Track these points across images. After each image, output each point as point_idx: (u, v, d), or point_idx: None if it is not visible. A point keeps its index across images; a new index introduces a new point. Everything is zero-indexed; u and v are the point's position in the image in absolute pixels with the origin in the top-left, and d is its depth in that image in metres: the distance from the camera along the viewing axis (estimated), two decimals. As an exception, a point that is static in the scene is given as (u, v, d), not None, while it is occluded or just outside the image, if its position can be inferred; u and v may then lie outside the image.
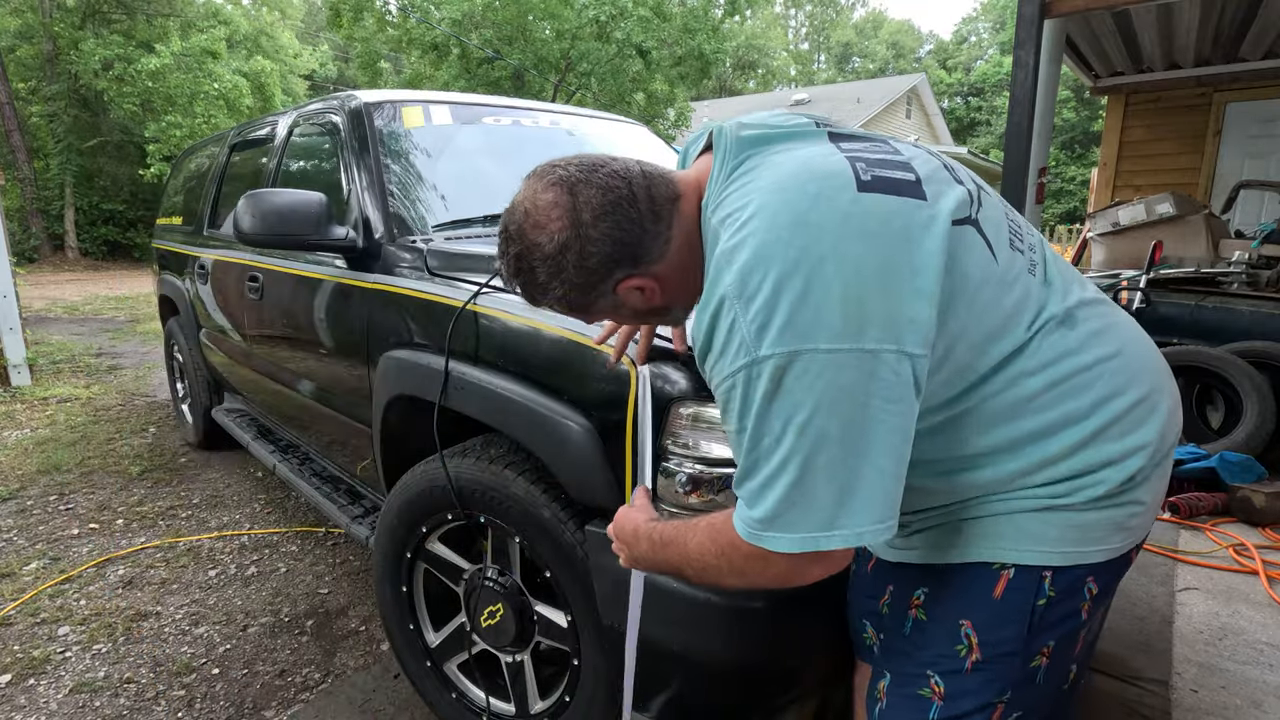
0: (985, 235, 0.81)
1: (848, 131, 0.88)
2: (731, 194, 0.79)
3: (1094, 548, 0.85)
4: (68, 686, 1.95)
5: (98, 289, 11.84)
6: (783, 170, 0.78)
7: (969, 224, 0.80)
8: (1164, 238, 4.36)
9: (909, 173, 0.80)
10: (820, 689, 1.28)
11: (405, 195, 2.02)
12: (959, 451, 0.84)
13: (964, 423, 0.82)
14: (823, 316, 0.70)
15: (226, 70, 14.83)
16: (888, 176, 0.78)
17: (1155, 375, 0.90)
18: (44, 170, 15.71)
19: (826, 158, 0.79)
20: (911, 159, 0.83)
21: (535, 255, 0.84)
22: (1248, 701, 1.85)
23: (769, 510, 0.74)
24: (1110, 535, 0.85)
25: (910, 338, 0.72)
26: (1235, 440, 3.33)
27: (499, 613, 1.50)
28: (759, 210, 0.74)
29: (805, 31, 49.13)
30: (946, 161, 0.88)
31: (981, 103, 34.16)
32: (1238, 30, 5.20)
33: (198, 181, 3.64)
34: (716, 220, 0.79)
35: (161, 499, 3.19)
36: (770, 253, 0.71)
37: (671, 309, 0.94)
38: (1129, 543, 0.88)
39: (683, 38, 16.08)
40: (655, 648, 1.20)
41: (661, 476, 1.17)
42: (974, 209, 0.82)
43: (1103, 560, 0.86)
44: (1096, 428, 0.82)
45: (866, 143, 0.86)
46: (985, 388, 0.81)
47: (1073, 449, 0.82)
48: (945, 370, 0.78)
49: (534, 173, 0.87)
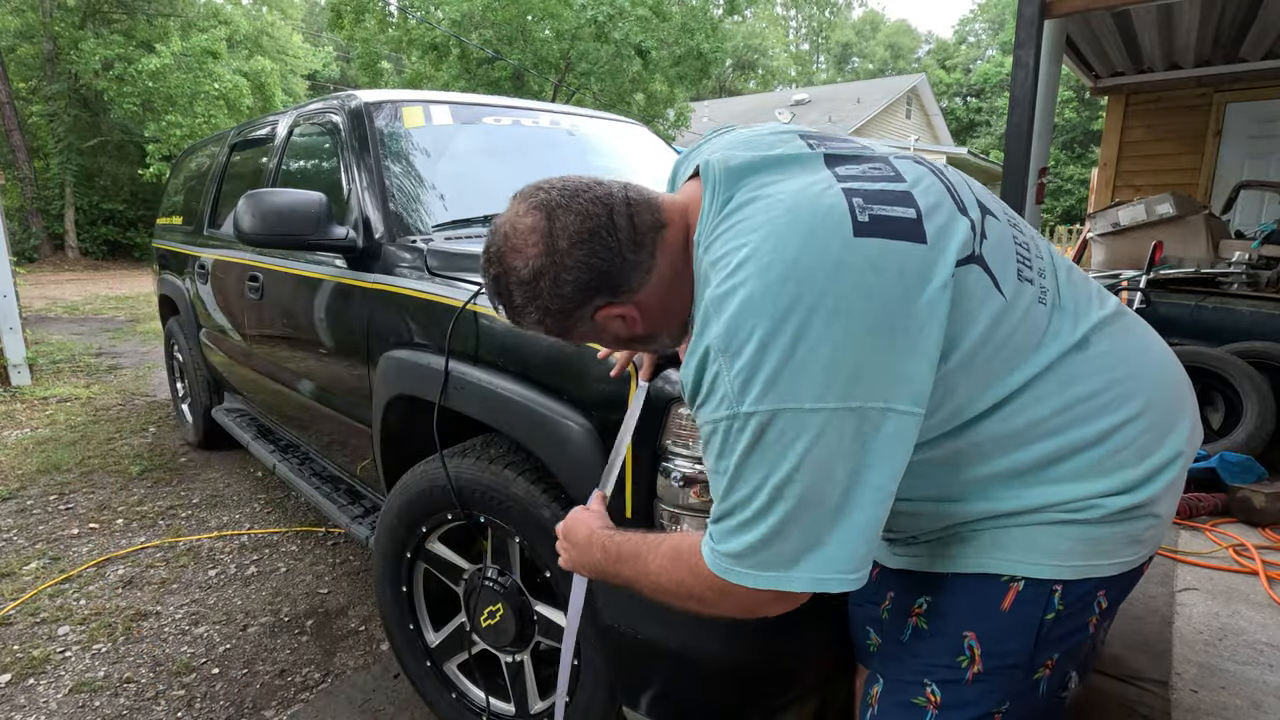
0: (991, 271, 0.78)
1: (844, 151, 0.84)
2: (723, 234, 0.76)
3: (1107, 561, 0.83)
4: (68, 686, 1.95)
5: (98, 289, 11.83)
6: (775, 210, 0.74)
7: (973, 262, 0.76)
8: (1164, 238, 4.36)
9: (909, 208, 0.75)
10: (820, 689, 1.28)
11: (405, 195, 2.02)
12: (959, 480, 0.82)
13: (963, 455, 0.81)
14: (808, 375, 0.68)
15: (227, 70, 14.81)
16: (886, 216, 0.74)
17: (1172, 389, 0.87)
18: (44, 170, 15.70)
19: (822, 193, 0.75)
20: (913, 186, 0.79)
21: (511, 279, 0.84)
22: (1248, 702, 1.85)
23: (738, 549, 0.74)
24: (1124, 548, 0.83)
25: (902, 395, 0.70)
26: (1235, 440, 3.33)
27: (499, 613, 1.50)
28: (749, 257, 0.71)
29: (804, 32, 49.14)
30: (950, 181, 0.84)
31: (981, 103, 34.16)
32: (1238, 30, 5.20)
33: (198, 181, 3.64)
34: (708, 262, 0.77)
35: (161, 499, 3.19)
36: (758, 305, 0.69)
37: (655, 337, 0.92)
38: (1143, 555, 0.86)
39: (681, 37, 16.09)
40: (653, 647, 1.20)
41: (661, 476, 1.17)
42: (978, 243, 0.78)
43: (1115, 574, 0.84)
44: (1107, 452, 0.80)
45: (865, 164, 0.81)
46: (986, 421, 0.79)
47: (1082, 474, 0.80)
48: (943, 411, 0.77)
49: (519, 193, 0.86)
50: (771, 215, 0.74)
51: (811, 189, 0.76)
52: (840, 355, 0.68)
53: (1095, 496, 0.80)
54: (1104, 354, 0.83)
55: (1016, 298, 0.79)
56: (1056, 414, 0.79)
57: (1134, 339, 0.88)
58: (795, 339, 0.68)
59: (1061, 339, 0.81)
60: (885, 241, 0.72)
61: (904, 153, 0.89)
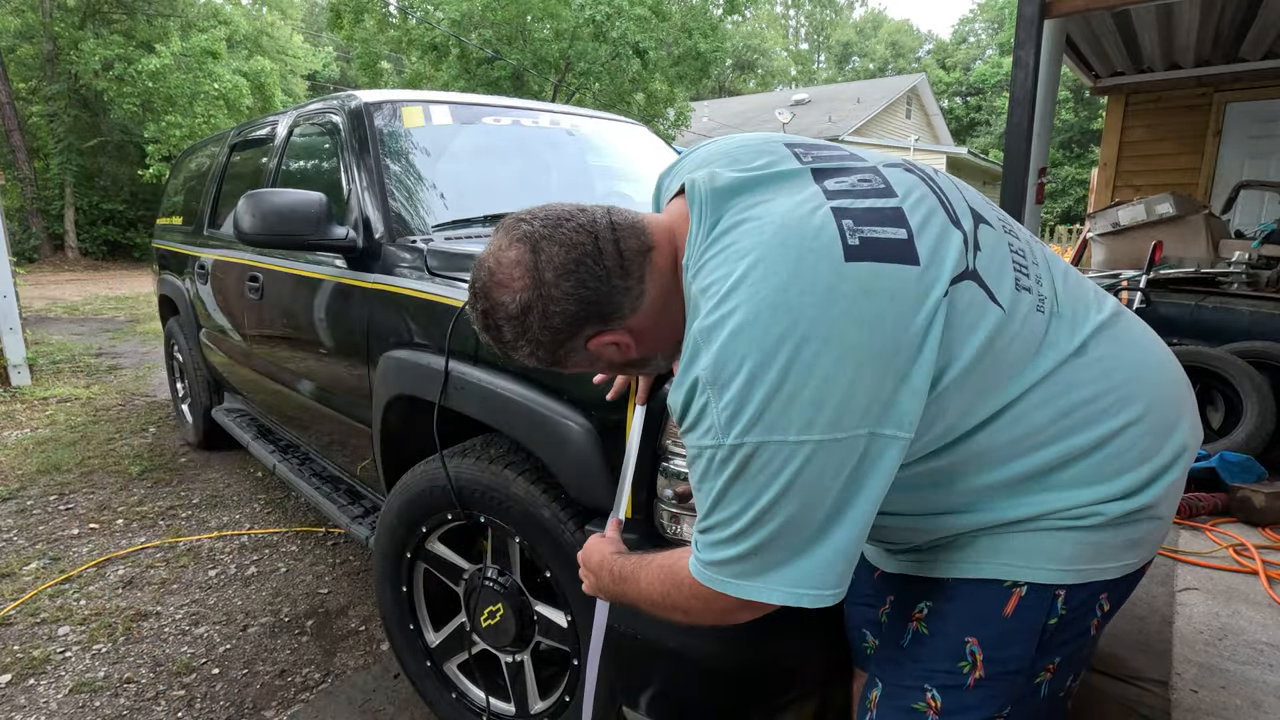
0: (986, 284, 0.77)
1: (833, 164, 0.83)
2: (711, 259, 0.75)
3: (1109, 564, 0.83)
4: (68, 686, 1.95)
5: (98, 289, 11.83)
6: (764, 233, 0.73)
7: (967, 278, 0.76)
8: (1164, 238, 4.36)
9: (900, 228, 0.75)
10: (820, 689, 1.28)
11: (405, 195, 2.02)
12: (957, 491, 0.82)
13: (960, 467, 0.81)
14: (796, 408, 0.68)
15: (226, 70, 14.81)
16: (877, 238, 0.73)
17: (1172, 390, 0.87)
18: (44, 170, 15.70)
19: (811, 213, 0.74)
20: (904, 200, 0.78)
21: (499, 315, 0.83)
22: (1248, 701, 1.85)
23: (720, 559, 0.75)
24: (1126, 551, 0.83)
25: (890, 421, 0.70)
26: (1235, 440, 3.33)
27: (499, 613, 1.50)
28: (738, 284, 0.71)
29: (805, 31, 49.14)
30: (941, 189, 0.83)
31: (981, 103, 34.16)
32: (1238, 30, 5.20)
33: (198, 181, 3.64)
34: (697, 289, 0.76)
35: (161, 499, 3.19)
36: (748, 336, 0.69)
37: (650, 360, 0.92)
38: (1144, 557, 0.86)
39: (681, 37, 16.09)
40: (653, 647, 1.20)
41: (661, 476, 1.17)
42: (971, 257, 0.77)
43: (1117, 577, 0.84)
44: (1108, 457, 0.80)
45: (853, 176, 0.80)
46: (983, 433, 0.79)
47: (1084, 480, 0.80)
48: (936, 429, 0.77)
49: (502, 224, 0.85)
50: (760, 239, 0.73)
51: (800, 209, 0.75)
52: (829, 386, 0.68)
53: (1097, 502, 0.80)
54: (1102, 359, 0.82)
55: (1014, 307, 0.78)
56: (1054, 421, 0.79)
57: (1132, 341, 0.87)
58: (784, 372, 0.68)
59: (1060, 346, 0.81)
60: (877, 265, 0.71)
61: (894, 159, 0.87)
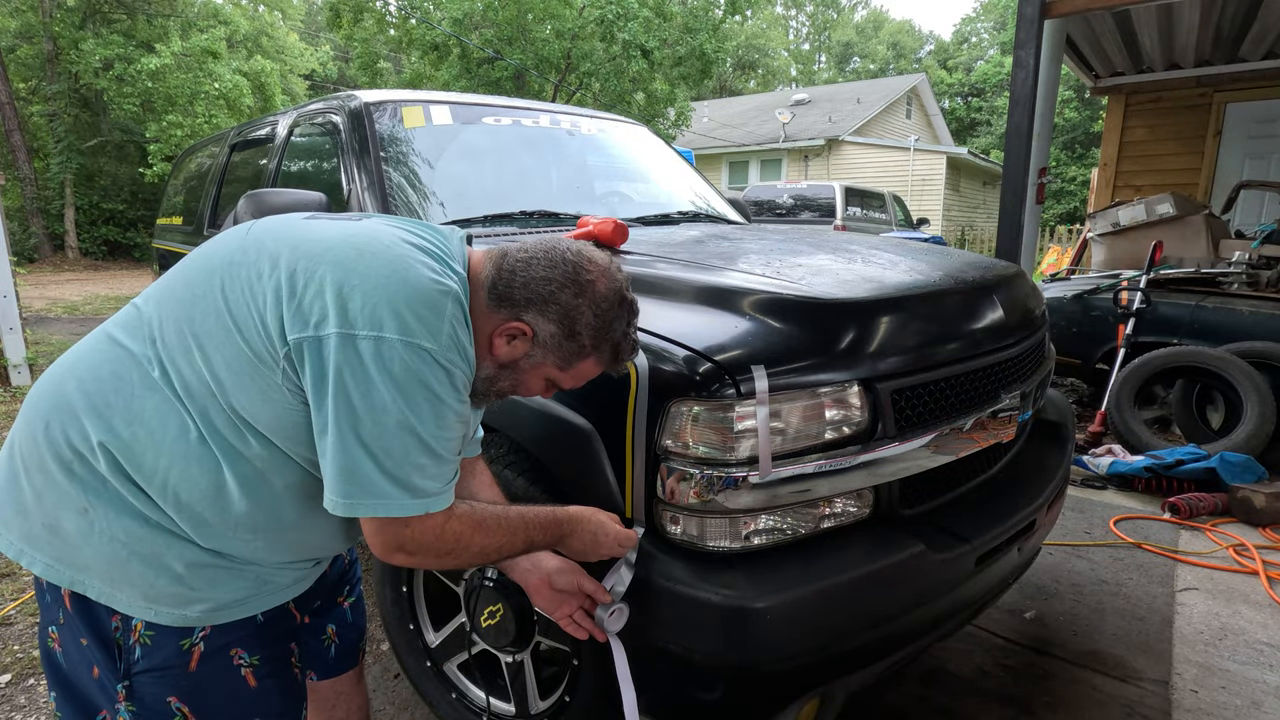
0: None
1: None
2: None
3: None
4: (68, 686, 1.95)
5: (98, 289, 11.83)
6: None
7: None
8: (1164, 238, 4.36)
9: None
10: (820, 689, 1.28)
11: (405, 195, 2.02)
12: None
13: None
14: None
15: (227, 70, 14.81)
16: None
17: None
18: (44, 170, 15.69)
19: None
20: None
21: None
22: (1248, 701, 1.85)
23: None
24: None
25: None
26: (1235, 440, 3.33)
27: (499, 613, 1.50)
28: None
29: (806, 32, 49.14)
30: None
31: (982, 103, 34.15)
32: (1238, 30, 5.21)
33: (198, 181, 3.64)
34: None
35: (161, 499, 3.18)
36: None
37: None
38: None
39: (684, 37, 16.09)
40: (653, 647, 1.20)
41: (661, 476, 1.17)
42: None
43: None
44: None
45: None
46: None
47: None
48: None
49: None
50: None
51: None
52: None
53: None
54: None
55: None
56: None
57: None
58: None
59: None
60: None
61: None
